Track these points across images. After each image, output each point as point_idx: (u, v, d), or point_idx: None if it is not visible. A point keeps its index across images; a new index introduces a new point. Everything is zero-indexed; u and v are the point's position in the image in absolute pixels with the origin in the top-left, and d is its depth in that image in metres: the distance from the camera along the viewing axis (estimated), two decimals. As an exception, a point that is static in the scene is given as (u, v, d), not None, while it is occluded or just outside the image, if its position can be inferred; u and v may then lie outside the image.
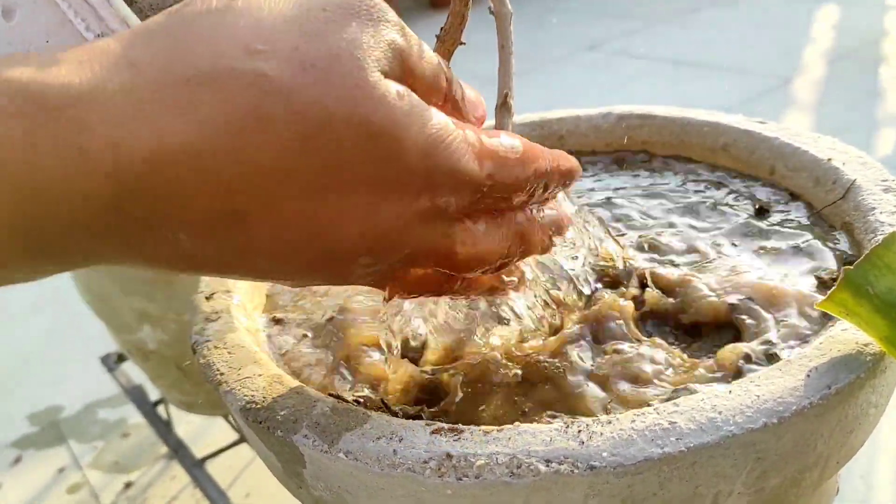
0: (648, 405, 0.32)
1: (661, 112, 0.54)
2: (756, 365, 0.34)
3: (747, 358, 0.34)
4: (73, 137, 0.22)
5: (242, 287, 0.43)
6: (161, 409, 1.01)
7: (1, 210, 0.21)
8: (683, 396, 0.31)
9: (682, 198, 0.49)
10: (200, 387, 0.87)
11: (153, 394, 1.02)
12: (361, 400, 0.36)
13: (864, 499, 0.84)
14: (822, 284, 0.38)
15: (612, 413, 0.33)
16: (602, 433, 0.29)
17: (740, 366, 0.34)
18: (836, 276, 0.38)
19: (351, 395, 0.36)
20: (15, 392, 1.25)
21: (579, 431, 0.29)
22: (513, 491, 0.28)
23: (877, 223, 0.39)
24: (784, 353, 0.34)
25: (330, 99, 0.24)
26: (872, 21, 2.28)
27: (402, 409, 0.35)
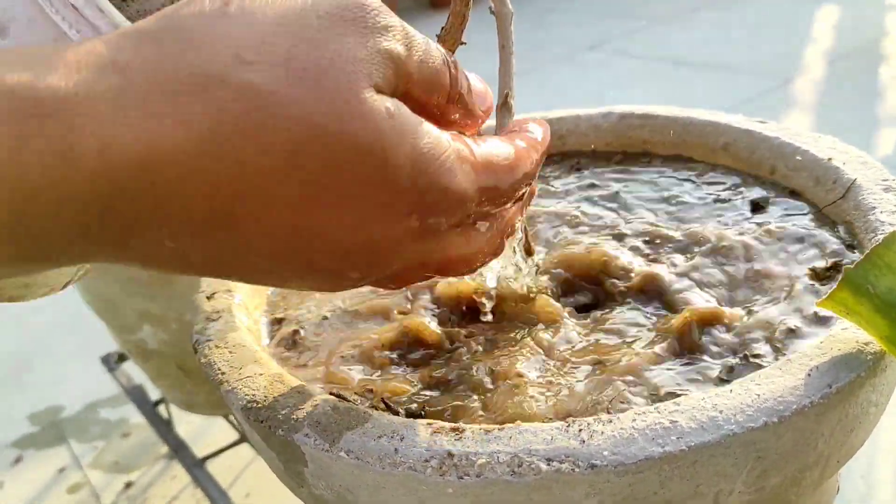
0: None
1: (662, 112, 0.54)
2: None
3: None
4: (61, 142, 0.22)
5: (243, 286, 0.43)
6: (162, 409, 1.01)
7: None
8: (684, 396, 0.31)
9: (679, 195, 0.49)
10: (201, 386, 0.87)
11: (154, 393, 1.02)
12: (363, 399, 0.36)
13: (865, 498, 0.84)
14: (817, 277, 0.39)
15: (612, 412, 0.33)
16: (603, 432, 0.29)
17: None
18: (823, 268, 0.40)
19: (352, 394, 0.36)
20: (15, 392, 1.25)
21: (580, 430, 0.29)
22: (514, 490, 0.28)
23: (877, 222, 0.39)
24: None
25: (318, 114, 0.24)
26: (873, 21, 2.28)
27: (404, 409, 0.35)
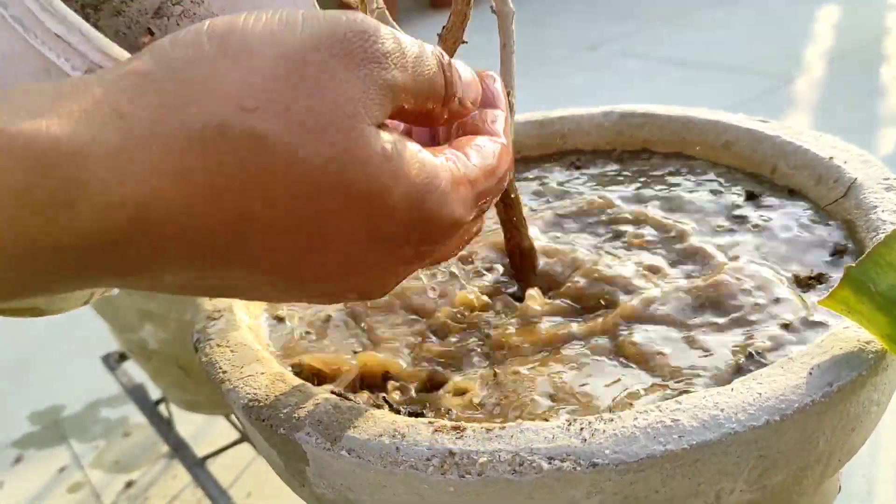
0: None
1: (663, 111, 0.54)
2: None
3: None
4: (62, 195, 0.22)
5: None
6: (162, 409, 1.01)
7: None
8: (686, 394, 0.31)
9: (677, 192, 0.49)
10: (202, 386, 0.87)
11: (154, 393, 1.02)
12: (364, 398, 0.36)
13: (867, 497, 0.84)
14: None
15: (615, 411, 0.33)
16: (604, 430, 0.29)
17: None
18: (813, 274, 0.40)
19: (353, 394, 0.36)
20: (16, 391, 1.25)
21: (581, 429, 0.29)
22: (515, 488, 0.28)
23: (878, 221, 0.39)
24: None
25: (319, 160, 0.24)
26: (873, 20, 2.28)
27: (405, 408, 0.35)
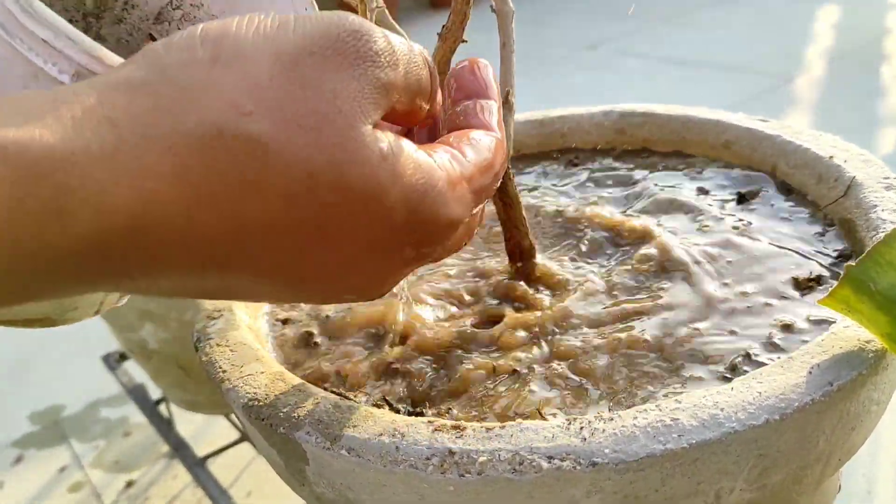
0: None
1: (663, 110, 0.54)
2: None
3: None
4: (55, 203, 0.22)
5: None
6: (162, 408, 1.01)
7: None
8: (686, 393, 0.31)
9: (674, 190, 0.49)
10: (202, 385, 0.87)
11: (155, 393, 1.02)
12: (363, 397, 0.36)
13: (867, 496, 0.84)
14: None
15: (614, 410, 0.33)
16: (604, 430, 0.29)
17: None
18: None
19: (353, 393, 0.36)
20: (16, 391, 1.25)
21: (581, 428, 0.29)
22: (515, 487, 0.28)
23: (878, 220, 0.39)
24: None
25: (317, 162, 0.24)
26: (873, 20, 2.28)
27: (405, 407, 0.35)
